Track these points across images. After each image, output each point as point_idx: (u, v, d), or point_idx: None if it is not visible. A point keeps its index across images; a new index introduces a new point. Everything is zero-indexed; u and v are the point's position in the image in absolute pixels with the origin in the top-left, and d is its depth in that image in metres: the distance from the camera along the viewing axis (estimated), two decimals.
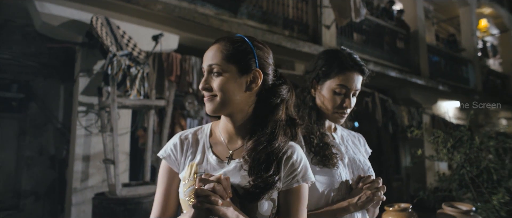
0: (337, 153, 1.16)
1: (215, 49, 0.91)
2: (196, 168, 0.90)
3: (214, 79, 0.89)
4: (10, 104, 4.10)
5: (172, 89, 3.64)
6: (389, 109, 6.39)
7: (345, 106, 1.16)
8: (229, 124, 0.93)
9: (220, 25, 4.08)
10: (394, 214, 2.07)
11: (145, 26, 3.78)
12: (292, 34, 5.28)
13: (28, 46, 4.17)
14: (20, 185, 4.15)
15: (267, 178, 0.84)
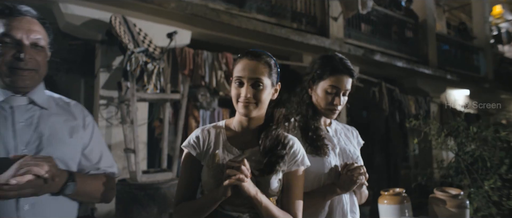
0: (328, 144, 1.39)
1: (259, 66, 1.14)
2: (218, 156, 1.14)
3: (257, 90, 1.13)
4: None
5: (186, 83, 3.90)
6: (396, 98, 6.54)
7: (335, 104, 1.38)
8: (247, 121, 1.17)
9: (230, 20, 4.30)
10: (388, 198, 2.31)
11: (159, 23, 4.02)
12: (300, 26, 5.46)
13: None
14: None
15: (278, 152, 1.12)
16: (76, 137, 1.15)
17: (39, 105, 1.10)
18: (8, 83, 1.04)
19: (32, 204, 1.01)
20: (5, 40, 1.00)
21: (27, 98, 1.08)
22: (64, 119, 1.15)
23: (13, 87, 1.05)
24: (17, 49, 1.02)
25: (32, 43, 1.04)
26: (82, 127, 1.19)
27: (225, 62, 4.34)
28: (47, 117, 1.10)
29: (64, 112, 1.17)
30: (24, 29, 1.04)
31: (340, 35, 5.88)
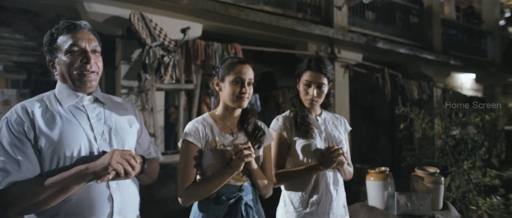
0: (315, 129, 1.79)
1: (250, 69, 1.53)
2: (217, 142, 1.50)
3: (250, 87, 1.52)
4: None
5: (199, 73, 4.30)
6: (399, 83, 6.84)
7: (309, 95, 1.76)
8: (233, 112, 1.56)
9: (238, 14, 4.65)
10: (374, 175, 2.73)
11: (173, 18, 4.40)
12: (305, 16, 5.78)
13: None
14: None
15: (259, 133, 1.55)
16: (134, 127, 1.37)
17: (101, 102, 1.31)
18: (78, 85, 1.23)
19: (117, 182, 1.24)
20: (73, 50, 1.20)
21: (92, 97, 1.29)
22: (121, 112, 1.36)
23: (82, 88, 1.24)
24: (83, 56, 1.21)
25: (92, 50, 1.23)
26: (135, 119, 1.41)
27: (234, 52, 4.72)
28: (109, 112, 1.32)
29: (119, 107, 1.38)
30: (85, 39, 1.23)
31: (344, 23, 6.17)
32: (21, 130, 1.12)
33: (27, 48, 4.67)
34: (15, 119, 1.13)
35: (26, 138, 1.12)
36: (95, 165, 1.10)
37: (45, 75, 4.73)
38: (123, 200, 1.24)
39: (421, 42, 7.75)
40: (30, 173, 1.12)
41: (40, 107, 1.19)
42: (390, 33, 7.20)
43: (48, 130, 1.15)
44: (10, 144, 1.11)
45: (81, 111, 1.25)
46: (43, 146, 1.13)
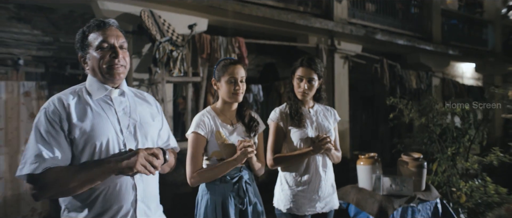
0: (306, 120, 2.10)
1: (241, 68, 1.85)
2: (222, 132, 1.82)
3: (243, 84, 1.84)
4: (77, 79, 5.22)
5: (205, 66, 4.61)
6: (397, 73, 7.09)
7: (301, 89, 2.07)
8: (231, 106, 1.88)
9: (242, 9, 4.92)
10: (364, 160, 3.07)
11: (180, 14, 4.68)
12: (306, 9, 6.03)
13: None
14: None
15: (254, 123, 1.87)
16: (156, 121, 1.48)
17: (127, 96, 1.40)
18: (108, 78, 1.31)
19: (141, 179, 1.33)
20: (103, 46, 1.29)
21: (119, 90, 1.37)
22: (144, 106, 1.46)
23: (111, 81, 1.33)
24: (112, 51, 1.30)
25: (120, 46, 1.32)
26: (157, 112, 1.51)
27: (237, 45, 5.01)
28: (134, 106, 1.41)
29: (143, 101, 1.48)
30: (114, 35, 1.32)
31: (344, 15, 6.41)
32: (56, 120, 1.21)
33: (44, 43, 4.99)
34: (52, 110, 1.22)
35: (60, 128, 1.21)
36: (122, 164, 1.18)
37: (61, 68, 5.06)
38: (146, 188, 1.34)
39: (420, 33, 7.96)
40: (63, 161, 1.19)
41: (74, 100, 1.28)
42: (390, 25, 7.42)
43: (80, 122, 1.23)
44: (47, 133, 1.19)
45: (109, 105, 1.33)
46: (75, 136, 1.22)
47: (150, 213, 1.34)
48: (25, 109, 4.84)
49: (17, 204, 4.66)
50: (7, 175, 4.62)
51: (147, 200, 1.34)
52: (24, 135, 4.80)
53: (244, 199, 1.79)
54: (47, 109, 1.24)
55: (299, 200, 2.02)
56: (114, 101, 1.35)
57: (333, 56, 6.14)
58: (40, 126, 1.21)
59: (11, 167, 4.66)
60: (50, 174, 1.15)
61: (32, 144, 1.20)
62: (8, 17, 4.67)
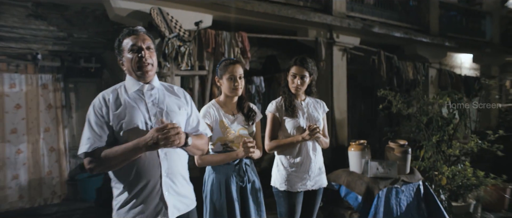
0: (298, 111, 2.45)
1: (239, 67, 2.20)
2: (225, 121, 2.18)
3: (241, 81, 2.19)
4: (90, 72, 5.58)
5: (210, 59, 4.94)
6: (395, 65, 7.37)
7: (295, 84, 2.41)
8: (231, 99, 2.24)
9: (244, 5, 5.21)
10: (354, 146, 3.41)
11: (187, 10, 4.98)
12: (306, 4, 6.30)
13: (98, 26, 5.54)
14: None
15: (252, 113, 2.23)
16: (182, 110, 1.73)
17: (157, 89, 1.70)
18: (139, 75, 1.64)
19: (165, 152, 1.60)
20: (133, 48, 1.62)
21: (150, 85, 1.68)
22: (173, 98, 1.74)
23: (143, 78, 1.65)
24: (140, 52, 1.62)
25: (146, 47, 1.63)
26: (185, 103, 1.78)
27: (240, 40, 5.32)
28: (163, 97, 1.70)
29: (171, 93, 1.76)
30: (141, 39, 1.63)
31: (342, 9, 6.67)
32: (100, 112, 1.58)
33: (59, 38, 5.32)
34: (98, 104, 1.60)
35: (103, 118, 1.57)
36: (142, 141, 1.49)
37: (76, 62, 5.41)
38: (170, 166, 1.63)
39: (418, 25, 8.20)
40: (107, 143, 1.55)
41: (113, 96, 1.63)
42: (388, 17, 7.68)
43: (117, 112, 1.58)
44: (94, 122, 1.57)
45: (141, 97, 1.65)
46: (114, 123, 1.57)
47: (174, 187, 1.66)
48: (43, 100, 5.22)
49: (39, 188, 5.08)
50: (30, 161, 5.02)
51: (171, 176, 1.65)
52: (43, 124, 5.19)
53: (244, 178, 2.15)
54: (94, 104, 1.62)
55: (293, 179, 2.38)
56: (145, 94, 1.66)
57: (331, 49, 6.43)
58: (90, 117, 1.60)
59: (33, 153, 5.06)
60: (98, 152, 1.53)
61: (85, 131, 1.58)
62: (27, 15, 5.00)
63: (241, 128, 2.18)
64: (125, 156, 1.52)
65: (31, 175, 5.06)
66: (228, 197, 2.11)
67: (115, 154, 1.52)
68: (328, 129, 5.51)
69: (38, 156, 5.11)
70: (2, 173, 4.85)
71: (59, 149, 5.27)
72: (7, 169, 4.88)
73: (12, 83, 5.00)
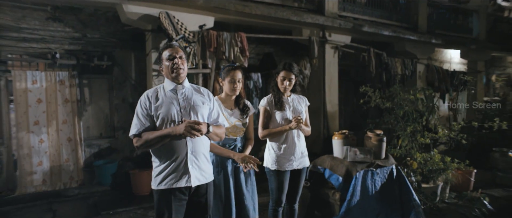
0: (285, 105, 3.01)
1: (239, 72, 2.78)
2: (225, 114, 2.75)
3: (239, 83, 2.75)
4: (102, 69, 6.12)
5: (213, 58, 5.48)
6: (384, 61, 7.89)
7: (283, 85, 2.97)
8: (231, 97, 2.82)
9: (243, 8, 5.74)
10: (337, 136, 3.98)
11: (191, 13, 5.51)
12: (300, 5, 6.82)
13: (109, 27, 6.07)
14: (113, 122, 6.35)
15: (247, 108, 2.83)
16: (205, 105, 2.28)
17: (186, 89, 2.25)
18: (173, 77, 2.20)
19: (192, 141, 2.17)
20: (170, 57, 2.17)
21: (182, 85, 2.23)
22: (198, 96, 2.30)
23: (176, 80, 2.21)
24: (174, 60, 2.17)
25: (179, 57, 2.20)
26: (208, 100, 2.33)
27: (239, 40, 5.84)
28: (190, 95, 2.25)
29: (197, 92, 2.32)
30: (175, 51, 2.19)
31: (334, 9, 7.19)
32: (145, 106, 2.17)
33: (74, 38, 5.85)
34: (143, 100, 2.19)
35: (146, 110, 2.16)
36: (174, 129, 2.07)
37: (89, 60, 5.93)
38: (194, 146, 2.20)
39: (407, 23, 8.73)
40: (149, 128, 2.15)
41: (154, 93, 2.21)
42: (378, 16, 8.20)
43: (156, 106, 2.16)
44: (140, 112, 2.17)
45: (174, 94, 2.22)
46: (154, 114, 2.15)
47: (197, 162, 2.24)
48: (61, 95, 5.77)
49: (59, 173, 5.66)
50: (51, 150, 5.60)
51: (195, 154, 2.22)
52: (61, 117, 5.75)
53: None
54: (140, 100, 2.23)
55: (281, 160, 2.95)
56: (178, 92, 2.24)
57: (324, 47, 6.96)
58: (137, 109, 2.22)
59: (52, 142, 5.63)
60: (142, 134, 2.15)
61: (134, 118, 2.20)
62: (46, 18, 5.53)
63: (236, 120, 2.75)
64: (161, 138, 2.12)
65: (52, 162, 5.63)
66: (225, 174, 2.69)
67: (154, 136, 2.12)
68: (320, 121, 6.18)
69: (57, 145, 5.68)
70: (28, 160, 5.42)
71: (75, 139, 5.84)
72: (33, 157, 5.46)
73: (34, 80, 5.54)
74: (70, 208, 4.62)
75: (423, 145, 4.50)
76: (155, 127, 2.18)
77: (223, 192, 2.68)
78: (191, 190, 2.24)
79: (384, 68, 7.95)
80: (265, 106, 3.01)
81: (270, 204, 3.10)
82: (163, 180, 2.19)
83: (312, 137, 6.64)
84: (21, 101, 5.47)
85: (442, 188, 4.46)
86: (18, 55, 5.50)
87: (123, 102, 6.42)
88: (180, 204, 2.23)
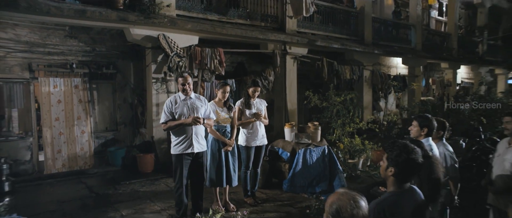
0: (252, 106, 4.91)
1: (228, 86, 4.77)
2: (218, 111, 4.62)
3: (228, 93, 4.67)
4: (108, 75, 7.76)
5: (198, 69, 7.28)
6: (334, 68, 9.97)
7: (252, 94, 4.88)
8: (221, 101, 4.74)
9: (221, 30, 7.57)
10: (287, 126, 5.97)
11: (181, 34, 7.27)
12: (266, 24, 8.73)
13: (113, 42, 7.71)
14: (116, 118, 8.02)
15: (231, 107, 4.77)
16: (202, 107, 4.21)
17: (193, 98, 4.21)
18: (184, 94, 4.16)
19: (195, 127, 4.12)
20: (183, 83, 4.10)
21: (189, 97, 4.18)
22: (198, 101, 4.24)
23: (185, 95, 4.17)
24: (184, 85, 4.11)
25: (187, 83, 4.12)
26: (204, 104, 4.28)
27: (218, 54, 7.67)
28: (194, 102, 4.20)
29: (198, 99, 4.26)
30: (185, 79, 4.12)
31: (294, 27, 9.17)
32: (169, 106, 4.12)
33: (86, 51, 7.46)
34: (168, 103, 4.14)
35: (169, 108, 4.11)
36: (186, 120, 4.06)
37: (98, 69, 7.56)
38: (196, 130, 4.15)
39: (355, 36, 10.87)
40: (171, 119, 4.08)
41: (174, 99, 4.17)
42: (331, 31, 10.27)
43: (175, 107, 4.12)
44: (167, 110, 4.10)
45: (185, 102, 4.18)
46: (174, 111, 4.10)
47: (197, 139, 4.18)
48: (76, 97, 7.38)
49: (75, 159, 7.28)
50: (68, 140, 7.21)
51: (196, 134, 4.19)
52: (76, 114, 7.36)
53: None
54: (166, 102, 4.20)
55: (249, 140, 4.86)
56: (187, 101, 4.19)
57: (285, 58, 8.91)
58: (164, 107, 4.17)
59: (70, 134, 7.24)
60: (168, 122, 4.07)
61: (163, 113, 4.16)
62: (65, 36, 7.13)
63: (225, 114, 4.61)
64: (178, 125, 4.05)
65: (69, 150, 7.23)
66: (219, 150, 4.55)
67: (174, 124, 4.06)
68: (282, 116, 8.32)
69: (73, 137, 7.28)
70: (51, 148, 7.00)
71: (87, 132, 7.46)
72: (54, 146, 7.04)
73: (55, 85, 7.12)
74: (95, 181, 6.30)
75: (351, 133, 6.53)
76: (175, 118, 4.06)
77: (218, 160, 4.55)
78: (193, 155, 4.14)
79: (335, 74, 10.03)
80: (239, 106, 4.89)
81: (242, 169, 4.98)
82: (178, 148, 4.10)
83: (277, 127, 8.60)
84: (46, 102, 7.04)
85: (363, 162, 6.51)
86: (43, 65, 7.06)
87: (124, 102, 8.09)
88: (187, 162, 4.15)
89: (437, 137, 3.65)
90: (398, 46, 12.25)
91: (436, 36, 14.08)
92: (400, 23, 12.64)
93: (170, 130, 4.15)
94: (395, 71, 13.50)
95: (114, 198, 5.34)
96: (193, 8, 7.60)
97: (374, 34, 11.44)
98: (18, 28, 6.66)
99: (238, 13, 8.27)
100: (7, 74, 6.68)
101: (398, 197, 2.21)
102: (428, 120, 3.37)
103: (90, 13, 6.01)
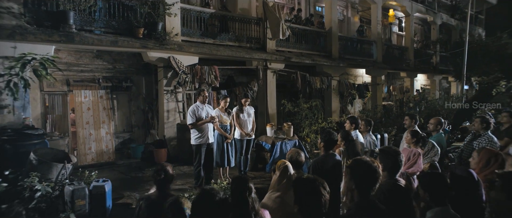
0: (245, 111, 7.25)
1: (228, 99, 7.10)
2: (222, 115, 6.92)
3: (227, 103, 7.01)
4: (125, 88, 9.92)
5: (199, 83, 9.57)
6: (307, 79, 12.42)
7: (244, 103, 7.24)
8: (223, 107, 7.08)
9: (216, 51, 9.88)
10: (269, 125, 8.35)
11: (186, 56, 9.53)
12: (251, 45, 11.11)
13: (130, 61, 9.89)
14: (132, 122, 10.18)
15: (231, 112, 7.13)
16: (213, 112, 6.72)
17: (206, 106, 6.67)
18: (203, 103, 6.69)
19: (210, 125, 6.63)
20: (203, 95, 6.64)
21: (206, 105, 6.69)
22: (209, 108, 6.72)
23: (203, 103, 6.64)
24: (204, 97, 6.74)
25: (205, 96, 6.67)
26: (212, 110, 6.75)
27: (214, 71, 9.97)
28: (207, 109, 6.64)
29: (209, 108, 6.72)
30: (204, 93, 6.70)
31: (273, 47, 11.59)
32: (193, 111, 6.48)
33: (109, 69, 9.63)
34: (192, 109, 6.52)
35: (194, 113, 6.46)
36: (206, 119, 6.47)
37: (119, 82, 9.74)
38: (210, 127, 6.64)
39: (324, 52, 13.39)
40: (197, 120, 6.43)
41: (196, 107, 6.53)
42: (304, 49, 12.76)
43: (198, 112, 6.50)
44: (192, 114, 6.46)
45: (203, 108, 6.62)
46: (197, 115, 6.46)
47: (211, 134, 6.65)
48: (101, 105, 9.54)
49: (101, 154, 9.44)
50: (96, 139, 9.36)
51: (210, 131, 6.66)
52: (101, 119, 9.52)
53: None
54: (191, 108, 6.62)
55: (242, 135, 7.19)
56: (205, 107, 6.67)
57: (266, 72, 11.30)
58: (190, 112, 6.57)
59: (97, 135, 9.40)
60: (193, 123, 6.43)
61: (189, 116, 6.54)
62: (93, 56, 9.29)
63: (226, 117, 6.91)
64: (201, 124, 6.46)
65: (97, 148, 9.35)
66: (222, 141, 6.86)
67: (199, 123, 6.43)
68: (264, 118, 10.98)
69: (100, 136, 9.41)
70: (83, 146, 9.11)
71: (110, 133, 9.59)
72: (86, 144, 9.15)
73: (86, 96, 9.24)
74: (124, 169, 8.47)
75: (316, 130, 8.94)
76: (197, 120, 6.32)
77: (221, 148, 6.86)
78: (208, 145, 6.42)
79: (307, 84, 12.50)
80: (235, 112, 7.20)
81: (237, 155, 7.28)
82: (199, 140, 6.45)
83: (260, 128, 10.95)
84: (78, 109, 9.16)
85: None
86: (77, 80, 9.17)
87: (138, 109, 10.26)
88: (204, 149, 6.48)
89: (365, 130, 6.06)
90: (362, 59, 14.88)
91: (395, 49, 16.83)
92: (363, 39, 15.29)
93: (195, 127, 6.42)
94: (361, 80, 16.16)
95: (144, 178, 7.55)
96: (194, 34, 9.90)
97: (341, 49, 14.01)
98: (60, 53, 8.78)
99: (228, 37, 10.62)
100: (52, 88, 8.78)
101: (325, 158, 4.58)
102: (355, 119, 5.79)
103: (121, 42, 8.21)
